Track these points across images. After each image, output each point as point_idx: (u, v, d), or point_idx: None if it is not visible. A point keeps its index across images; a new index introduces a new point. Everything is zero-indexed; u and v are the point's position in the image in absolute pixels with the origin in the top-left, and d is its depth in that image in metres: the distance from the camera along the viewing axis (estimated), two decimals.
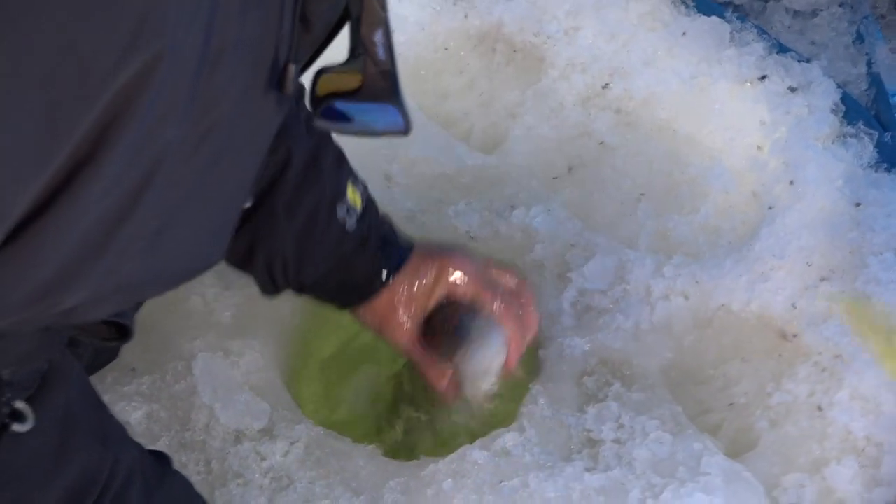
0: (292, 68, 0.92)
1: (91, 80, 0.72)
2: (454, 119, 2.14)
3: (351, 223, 1.37)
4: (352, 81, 1.00)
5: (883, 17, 2.09)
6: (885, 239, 1.74)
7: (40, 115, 0.71)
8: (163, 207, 0.88)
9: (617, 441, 1.53)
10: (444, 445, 1.62)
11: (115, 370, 1.53)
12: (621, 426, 1.57)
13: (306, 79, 1.05)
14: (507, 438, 1.55)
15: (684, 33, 2.03)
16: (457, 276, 1.41)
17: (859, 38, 2.06)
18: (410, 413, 1.67)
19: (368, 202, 1.42)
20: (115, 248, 0.85)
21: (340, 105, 0.98)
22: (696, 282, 1.72)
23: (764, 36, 1.98)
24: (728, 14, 1.98)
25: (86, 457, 1.21)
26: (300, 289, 1.41)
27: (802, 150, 1.86)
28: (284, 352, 1.75)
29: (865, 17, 2.04)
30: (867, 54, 2.03)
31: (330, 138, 1.42)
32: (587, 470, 1.49)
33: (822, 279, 1.72)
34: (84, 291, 0.88)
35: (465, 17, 2.14)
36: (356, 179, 1.41)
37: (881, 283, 1.67)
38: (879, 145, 1.88)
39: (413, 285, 1.39)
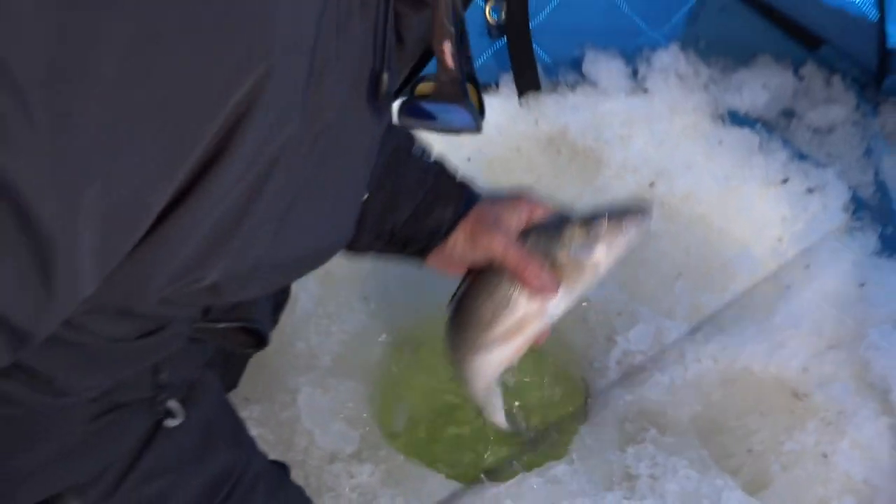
0: (385, 77, 0.92)
1: (210, 99, 0.75)
2: None
3: (427, 158, 1.33)
4: (430, 87, 1.02)
5: (890, 134, 2.15)
6: (884, 313, 1.81)
7: (170, 129, 0.74)
8: (283, 197, 0.89)
9: (651, 476, 1.59)
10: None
11: (233, 398, 1.59)
12: (655, 464, 1.64)
13: None
14: (559, 469, 1.62)
15: (720, 142, 2.14)
16: (534, 198, 1.26)
17: (868, 151, 2.11)
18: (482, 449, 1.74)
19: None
20: (244, 231, 0.87)
21: (425, 104, 0.99)
22: (723, 348, 1.80)
23: (787, 146, 2.08)
24: (758, 127, 2.09)
25: (223, 455, 1.27)
26: (390, 236, 1.31)
27: (817, 241, 1.96)
28: (374, 390, 1.81)
29: (874, 135, 2.11)
30: (875, 164, 2.09)
31: None
32: (625, 498, 1.56)
33: (830, 347, 1.79)
34: (220, 269, 0.90)
35: (536, 123, 2.24)
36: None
37: (880, 349, 1.74)
38: (882, 237, 1.95)
39: (496, 202, 1.26)
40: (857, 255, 1.95)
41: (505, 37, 2.23)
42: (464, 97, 0.96)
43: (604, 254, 1.16)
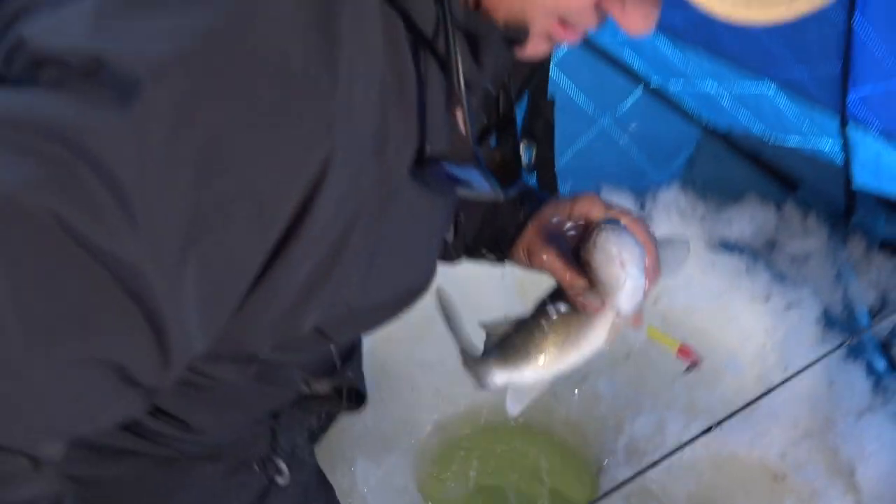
0: (427, 147, 0.90)
1: (286, 181, 0.77)
2: None
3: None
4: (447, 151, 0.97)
5: (857, 262, 2.20)
6: (850, 407, 1.94)
7: (257, 213, 0.77)
8: (366, 248, 0.89)
9: None
10: None
11: None
12: None
13: None
14: None
15: (713, 265, 2.24)
16: (592, 197, 1.13)
17: (838, 276, 2.21)
18: None
19: None
20: (335, 279, 0.87)
21: (447, 166, 0.93)
22: (714, 436, 1.81)
23: (769, 270, 2.19)
24: (745, 254, 2.19)
25: None
26: (466, 249, 1.26)
27: (794, 348, 2.08)
28: (418, 464, 1.94)
29: (843, 262, 2.19)
30: (843, 286, 2.19)
31: None
32: None
33: (805, 436, 1.92)
34: (317, 315, 0.92)
35: None
36: None
37: (846, 437, 1.87)
38: (848, 347, 1.97)
39: (557, 207, 1.15)
40: (827, 359, 1.95)
41: (535, 174, 2.33)
42: (476, 162, 0.91)
43: (640, 281, 1.04)
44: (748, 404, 1.76)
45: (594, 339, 1.08)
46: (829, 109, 1.95)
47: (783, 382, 1.89)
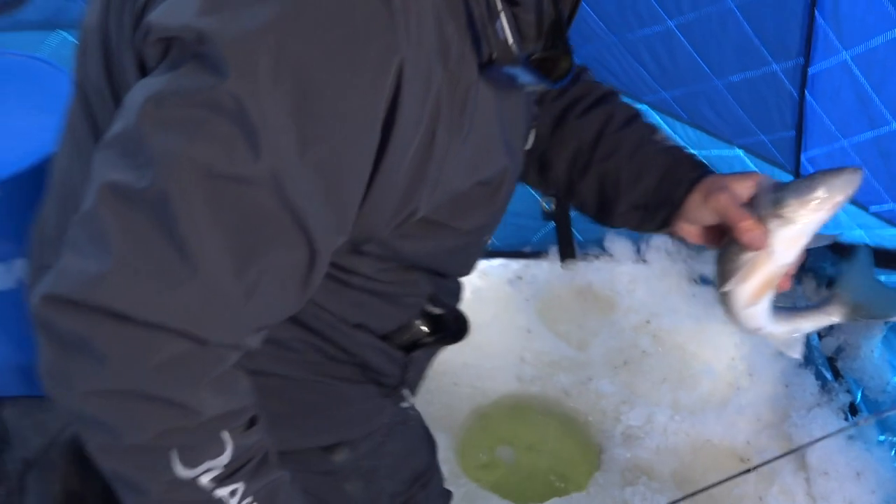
0: (483, 53, 0.89)
1: (371, 90, 0.79)
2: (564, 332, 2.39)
3: (667, 141, 1.19)
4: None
5: (809, 296, 2.19)
6: (802, 403, 2.09)
7: (354, 120, 0.79)
8: (451, 136, 0.90)
9: None
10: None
11: None
12: (645, 499, 1.94)
13: None
14: (579, 497, 1.94)
15: (694, 296, 2.39)
16: (759, 175, 1.09)
17: (794, 305, 1.99)
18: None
19: None
20: (432, 164, 0.89)
21: (499, 68, 0.90)
22: (693, 426, 2.09)
23: None
24: None
25: (426, 456, 1.32)
26: (644, 206, 1.18)
27: (757, 360, 2.23)
28: (459, 442, 2.07)
29: (798, 295, 2.19)
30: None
31: (624, 102, 1.26)
32: None
33: (765, 427, 2.07)
34: (426, 200, 0.92)
35: (572, 279, 2.47)
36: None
37: (798, 426, 2.02)
38: (804, 356, 1.94)
39: (727, 175, 1.09)
40: (784, 367, 2.19)
41: (553, 221, 2.39)
42: (518, 61, 0.89)
43: (809, 211, 1.01)
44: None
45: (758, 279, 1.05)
46: (787, 168, 1.99)
47: (749, 386, 2.10)
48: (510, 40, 0.88)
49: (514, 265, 2.48)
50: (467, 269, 1.19)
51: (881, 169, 1.78)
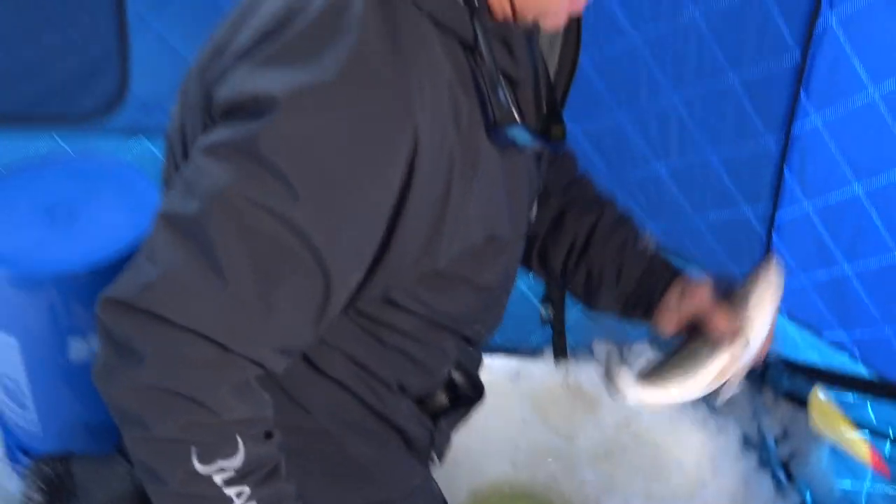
0: (489, 118, 0.94)
1: (391, 151, 0.84)
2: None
3: (650, 249, 1.28)
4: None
5: (767, 405, 2.22)
6: (759, 499, 2.20)
7: (373, 179, 0.84)
8: (465, 194, 0.94)
9: None
10: None
11: None
12: None
13: None
14: None
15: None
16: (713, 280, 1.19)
17: (755, 413, 2.26)
18: None
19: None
20: (448, 219, 0.92)
21: (503, 131, 0.93)
22: None
23: (707, 405, 2.34)
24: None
25: None
26: (626, 296, 1.27)
27: (722, 458, 2.32)
28: None
29: (759, 404, 2.25)
30: (758, 420, 2.29)
31: (615, 208, 1.33)
32: None
33: None
34: (444, 253, 0.95)
35: (564, 376, 2.52)
36: (643, 232, 1.31)
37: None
38: (759, 459, 2.27)
39: (695, 277, 1.19)
40: (744, 467, 2.28)
41: (550, 326, 2.47)
42: (518, 125, 0.92)
43: (760, 306, 1.11)
44: None
45: (722, 365, 1.12)
46: None
47: (713, 479, 2.21)
48: (511, 106, 0.92)
49: (514, 362, 2.54)
50: (489, 330, 1.24)
51: (833, 303, 1.94)
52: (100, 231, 1.67)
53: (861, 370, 1.92)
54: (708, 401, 2.22)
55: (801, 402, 2.05)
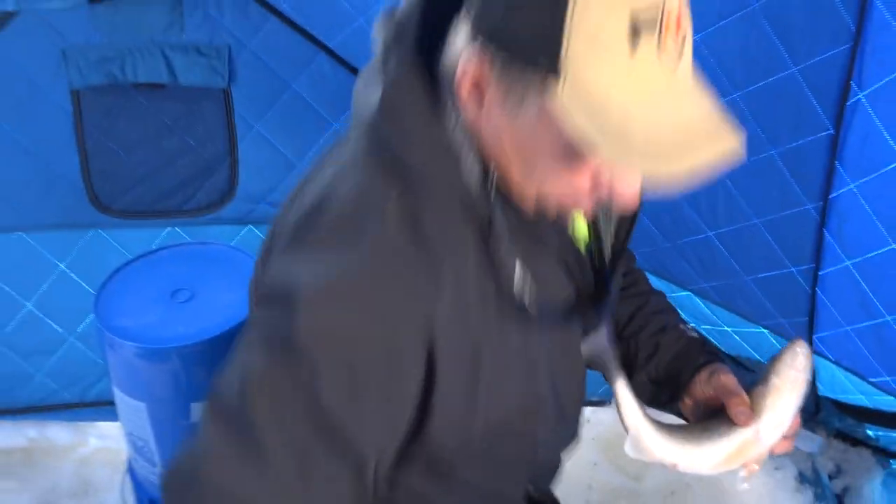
0: (514, 298, 0.92)
1: (416, 342, 0.82)
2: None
3: (686, 332, 1.24)
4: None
5: (821, 444, 2.21)
6: None
7: (401, 388, 0.83)
8: (496, 365, 0.92)
9: None
10: None
11: None
12: None
13: None
14: None
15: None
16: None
17: (810, 452, 2.24)
18: None
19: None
20: (481, 389, 0.90)
21: (526, 308, 0.92)
22: None
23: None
24: None
25: None
26: (655, 378, 1.23)
27: (779, 494, 2.30)
28: None
29: (815, 440, 2.21)
30: (812, 458, 2.27)
31: (662, 297, 1.31)
32: None
33: None
34: (481, 420, 0.93)
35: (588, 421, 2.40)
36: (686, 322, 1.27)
37: None
38: (815, 494, 2.24)
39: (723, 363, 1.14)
40: (802, 502, 2.27)
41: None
42: (524, 304, 0.92)
43: (776, 395, 1.08)
44: None
45: (734, 448, 1.08)
46: None
47: None
48: (525, 288, 0.92)
49: (585, 411, 2.42)
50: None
51: (876, 349, 1.99)
52: (214, 307, 1.78)
53: None
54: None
55: (852, 440, 2.09)
